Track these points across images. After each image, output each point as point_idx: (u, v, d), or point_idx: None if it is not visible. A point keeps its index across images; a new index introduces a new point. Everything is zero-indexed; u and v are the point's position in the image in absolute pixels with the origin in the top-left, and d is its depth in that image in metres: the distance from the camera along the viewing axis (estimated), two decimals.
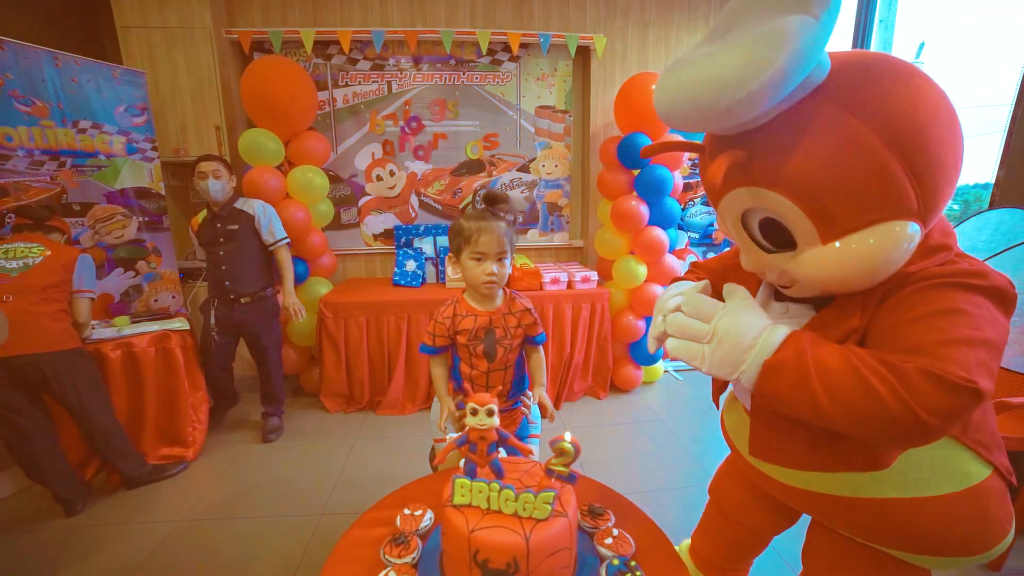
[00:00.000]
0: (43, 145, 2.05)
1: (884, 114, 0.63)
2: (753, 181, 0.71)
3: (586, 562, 0.77)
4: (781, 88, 0.61)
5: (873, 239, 0.65)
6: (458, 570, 0.69)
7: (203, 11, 2.60)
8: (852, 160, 0.64)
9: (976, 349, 0.61)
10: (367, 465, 2.16)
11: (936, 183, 0.65)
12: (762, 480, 0.95)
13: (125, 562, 1.58)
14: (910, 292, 0.68)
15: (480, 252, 1.13)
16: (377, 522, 0.87)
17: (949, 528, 0.76)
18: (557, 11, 3.00)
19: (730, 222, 0.82)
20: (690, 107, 0.66)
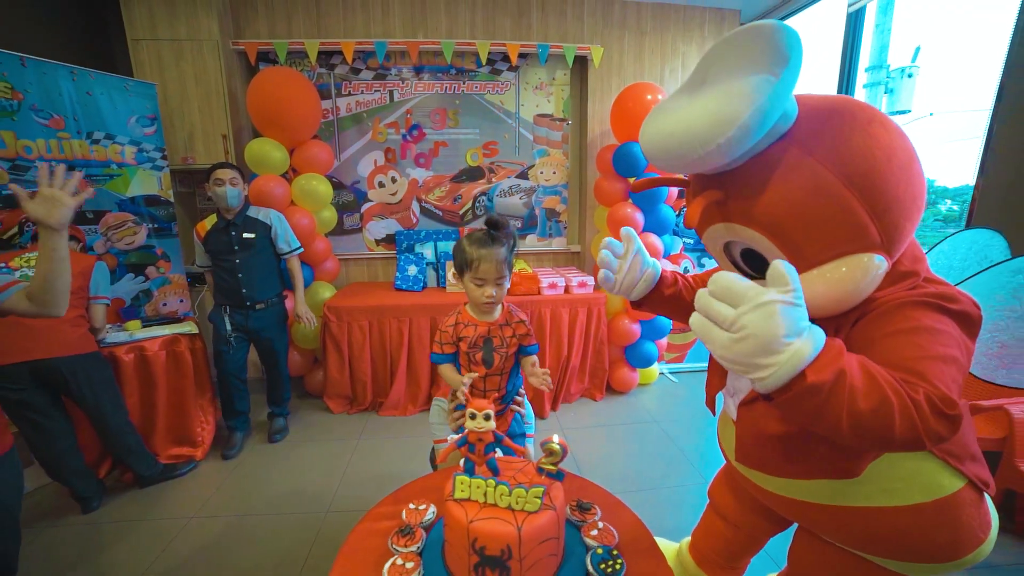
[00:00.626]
0: (59, 156, 2.13)
1: (844, 159, 0.70)
2: (729, 218, 0.79)
3: (573, 551, 0.85)
4: (747, 140, 0.69)
5: (845, 267, 0.72)
6: (458, 556, 0.77)
7: (211, 23, 2.68)
8: (816, 200, 0.71)
9: (949, 366, 0.66)
10: (370, 464, 2.24)
11: (896, 220, 0.72)
12: (749, 486, 1.02)
13: (141, 557, 1.66)
14: (885, 310, 0.73)
15: (481, 278, 1.23)
16: (384, 516, 0.95)
17: (920, 536, 0.81)
18: (555, 22, 3.08)
19: (714, 252, 0.90)
20: (668, 154, 0.75)
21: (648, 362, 2.99)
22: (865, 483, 0.83)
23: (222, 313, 2.26)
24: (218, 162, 2.21)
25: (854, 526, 0.85)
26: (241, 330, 2.29)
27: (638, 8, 3.18)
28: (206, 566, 1.63)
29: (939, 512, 0.80)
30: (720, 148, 0.68)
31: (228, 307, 2.27)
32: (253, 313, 2.29)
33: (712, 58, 0.77)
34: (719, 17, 3.29)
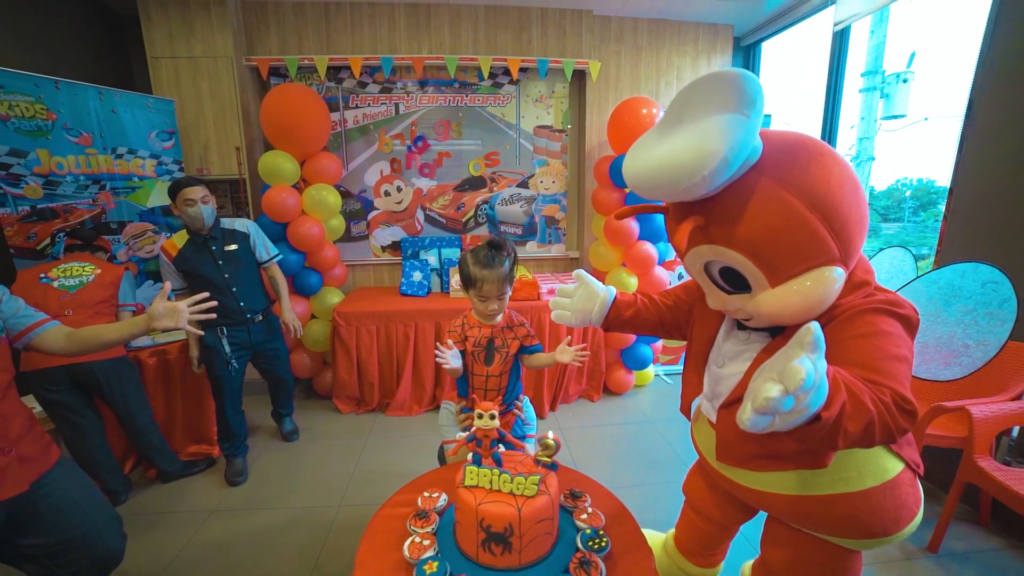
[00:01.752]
0: (87, 171, 2.27)
1: (805, 186, 0.82)
2: (712, 240, 0.90)
3: (566, 531, 0.98)
4: (726, 171, 0.80)
5: (809, 282, 0.84)
6: (468, 535, 0.90)
7: (225, 41, 2.81)
8: (788, 223, 0.82)
9: (903, 364, 0.79)
10: (379, 462, 2.37)
11: (850, 235, 0.85)
12: (725, 483, 1.14)
13: (168, 546, 1.79)
14: (848, 316, 0.86)
15: (484, 296, 1.37)
16: (401, 503, 1.08)
17: (872, 515, 0.95)
18: (554, 38, 3.21)
19: (695, 272, 1.01)
20: (655, 185, 0.86)
21: (643, 364, 3.12)
22: (826, 474, 0.95)
23: (218, 335, 2.08)
24: (183, 178, 1.99)
25: (817, 513, 0.98)
26: (244, 347, 2.17)
27: (634, 24, 3.31)
28: (229, 554, 1.75)
29: (885, 493, 0.94)
30: (704, 179, 0.79)
31: (224, 328, 2.10)
32: (253, 327, 2.18)
33: (685, 100, 0.89)
34: (713, 32, 3.41)
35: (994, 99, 1.84)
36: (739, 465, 1.04)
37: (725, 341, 1.08)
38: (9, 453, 1.08)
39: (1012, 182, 1.78)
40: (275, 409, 2.59)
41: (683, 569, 1.48)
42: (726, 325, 1.11)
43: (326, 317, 2.96)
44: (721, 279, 0.96)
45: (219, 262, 2.05)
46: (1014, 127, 1.77)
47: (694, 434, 1.24)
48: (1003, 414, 1.55)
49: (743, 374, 0.99)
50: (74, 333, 1.26)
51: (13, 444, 1.10)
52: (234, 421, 2.20)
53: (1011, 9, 1.77)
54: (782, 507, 1.03)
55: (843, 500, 0.95)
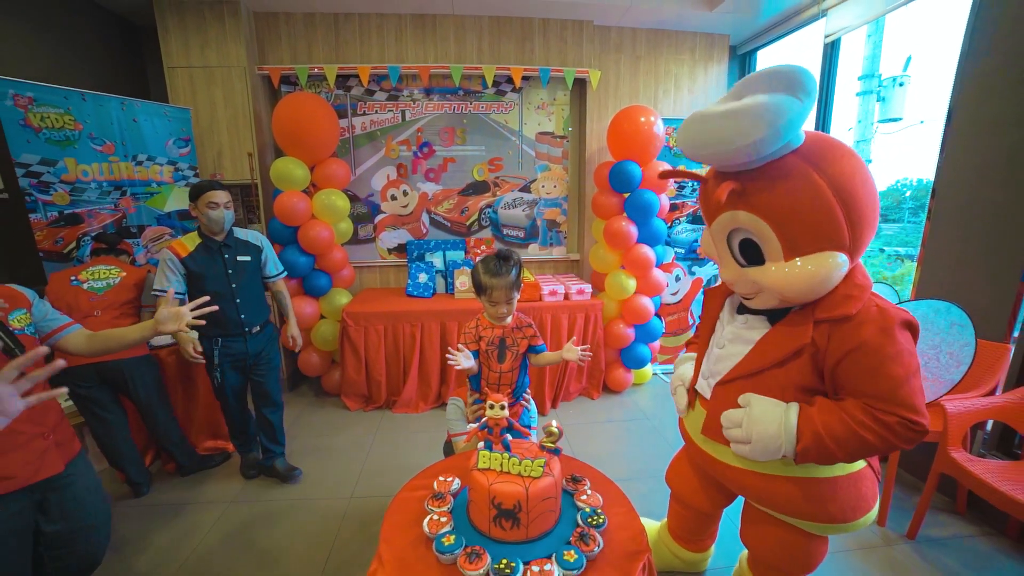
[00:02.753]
0: (110, 177, 2.37)
1: (835, 176, 0.94)
2: (745, 207, 1.01)
3: (567, 510, 1.10)
4: (775, 142, 0.92)
5: (818, 260, 0.96)
6: (481, 512, 1.01)
7: (239, 51, 2.92)
8: (813, 202, 0.95)
9: (915, 379, 0.93)
10: (387, 457, 2.47)
11: (862, 229, 0.98)
12: (707, 463, 1.25)
13: (190, 534, 1.89)
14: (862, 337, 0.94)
15: (494, 300, 1.53)
16: (418, 487, 1.19)
17: (835, 502, 1.07)
18: (556, 47, 3.31)
19: (718, 239, 1.12)
20: (708, 145, 0.96)
21: (642, 363, 3.22)
22: None
23: (212, 346, 2.02)
24: (207, 182, 1.99)
25: (789, 494, 1.08)
26: (239, 358, 2.09)
27: (633, 34, 3.42)
28: (248, 542, 1.85)
29: (848, 484, 1.05)
30: (755, 143, 0.90)
31: (220, 338, 2.03)
32: (251, 337, 2.10)
33: (747, 83, 1.01)
34: (709, 42, 3.52)
35: (970, 107, 1.95)
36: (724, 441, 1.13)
37: (727, 325, 1.19)
38: (48, 438, 1.20)
39: (988, 185, 1.89)
40: (264, 447, 2.26)
41: (676, 554, 1.59)
42: (728, 311, 1.22)
43: (335, 317, 3.06)
44: (739, 252, 1.07)
45: (229, 270, 2.02)
46: (989, 134, 1.88)
47: (683, 420, 1.35)
48: (975, 409, 1.66)
49: (741, 356, 1.10)
50: (94, 336, 1.38)
51: (51, 430, 1.22)
52: (239, 421, 2.23)
53: (984, 24, 1.88)
54: (755, 486, 1.13)
55: (811, 484, 1.06)
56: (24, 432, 0.51)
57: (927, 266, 2.13)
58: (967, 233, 1.97)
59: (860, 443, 0.94)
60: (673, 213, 3.37)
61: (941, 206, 2.07)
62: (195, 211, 1.97)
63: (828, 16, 2.83)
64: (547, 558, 0.93)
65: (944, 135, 2.07)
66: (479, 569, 0.90)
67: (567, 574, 0.90)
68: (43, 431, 1.19)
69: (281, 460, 2.28)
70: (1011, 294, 1.79)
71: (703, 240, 1.21)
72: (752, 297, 1.10)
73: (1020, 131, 1.77)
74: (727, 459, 1.15)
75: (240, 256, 2.07)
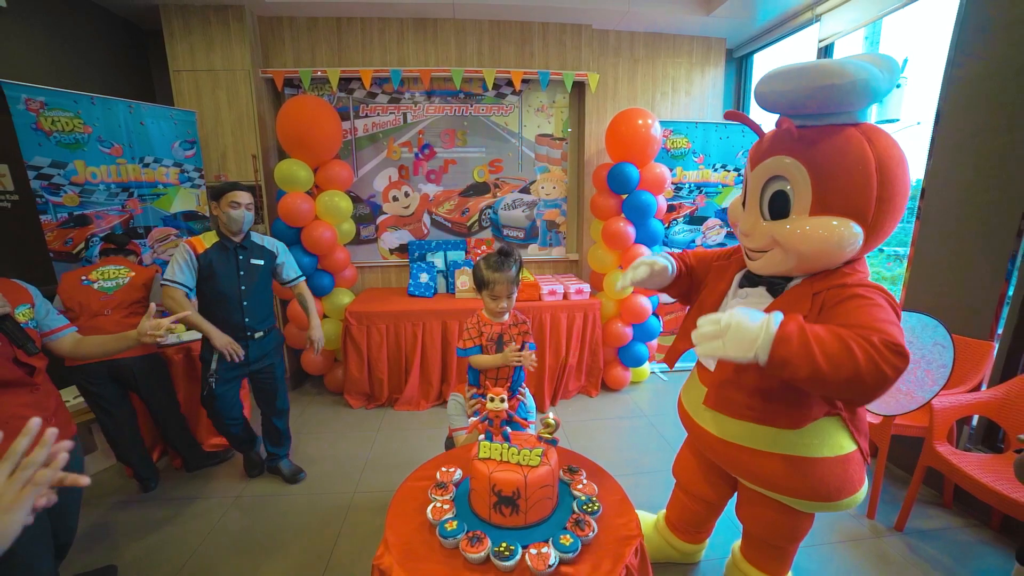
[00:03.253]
0: (117, 179, 2.43)
1: (883, 152, 1.02)
2: (796, 154, 1.07)
3: (564, 499, 1.15)
4: (852, 95, 0.98)
5: (836, 223, 1.02)
6: (482, 499, 1.06)
7: (243, 55, 2.97)
8: (856, 167, 1.02)
9: (895, 327, 0.95)
10: (390, 453, 2.52)
11: (887, 212, 1.04)
12: (704, 443, 1.30)
13: (198, 529, 1.94)
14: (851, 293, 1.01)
15: (496, 295, 1.58)
16: (422, 477, 1.24)
17: (822, 481, 1.13)
18: (555, 50, 3.37)
19: (755, 186, 1.16)
20: (790, 81, 1.01)
21: (639, 362, 3.28)
22: (794, 438, 1.13)
23: (211, 352, 1.99)
24: (231, 182, 2.03)
25: (782, 471, 1.15)
26: (239, 365, 2.04)
27: (631, 37, 3.47)
28: (254, 535, 1.91)
29: (836, 465, 1.11)
30: (834, 87, 0.97)
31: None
32: (253, 343, 2.07)
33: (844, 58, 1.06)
34: (706, 45, 3.58)
35: (957, 112, 2.00)
36: (723, 410, 1.20)
37: (732, 299, 1.26)
38: (50, 422, 1.29)
39: (973, 188, 1.94)
40: (269, 452, 2.30)
41: (673, 545, 1.64)
42: (734, 286, 1.28)
43: (337, 317, 3.11)
44: (768, 205, 1.13)
45: (240, 272, 2.01)
46: (973, 138, 1.93)
47: (682, 399, 1.40)
48: (960, 404, 1.71)
49: None
50: (80, 341, 1.49)
51: (52, 414, 1.33)
52: (233, 430, 2.17)
53: (969, 32, 1.93)
54: (748, 462, 1.19)
55: (802, 462, 1.12)
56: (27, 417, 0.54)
57: (916, 266, 2.19)
58: (954, 234, 2.02)
59: (845, 351, 0.86)
60: (670, 214, 3.42)
61: (930, 207, 2.13)
62: (216, 210, 1.97)
63: (822, 21, 2.88)
64: (544, 542, 0.98)
65: (932, 138, 2.13)
66: (480, 552, 0.95)
67: (563, 556, 0.95)
68: (46, 415, 1.26)
69: (286, 462, 2.31)
70: (995, 294, 1.84)
71: (732, 204, 1.29)
72: (759, 257, 1.15)
73: (1003, 136, 1.82)
74: (727, 435, 1.21)
75: (254, 259, 2.06)
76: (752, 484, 1.22)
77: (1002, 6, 1.82)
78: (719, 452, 1.25)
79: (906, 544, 1.79)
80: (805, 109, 1.05)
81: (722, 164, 3.42)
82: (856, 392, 0.90)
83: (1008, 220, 1.81)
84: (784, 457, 1.13)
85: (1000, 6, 1.83)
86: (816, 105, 1.01)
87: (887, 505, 1.97)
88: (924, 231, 2.15)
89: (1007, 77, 1.81)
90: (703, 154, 3.38)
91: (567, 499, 1.14)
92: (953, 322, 1.98)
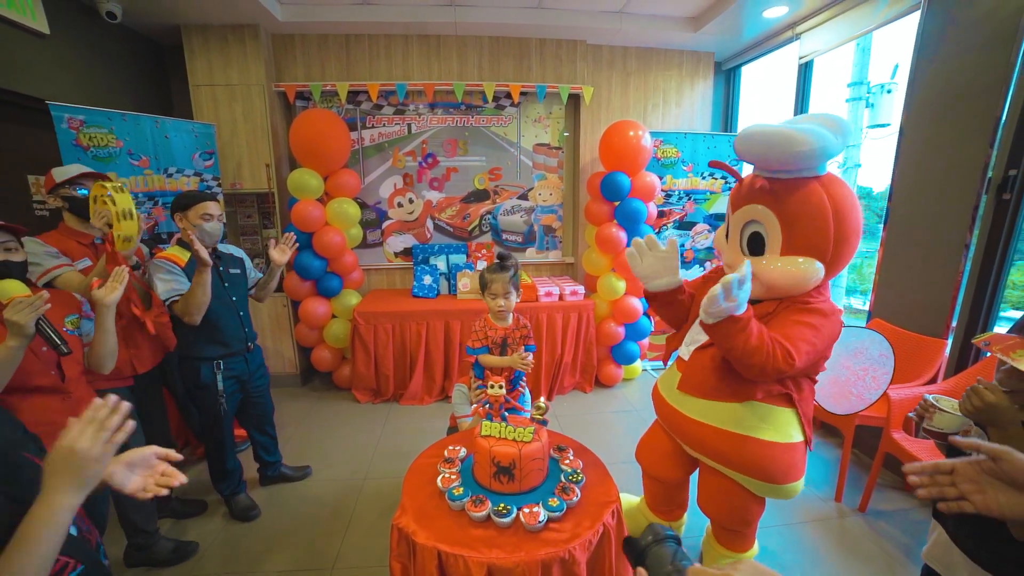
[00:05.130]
0: (144, 189, 2.61)
1: (839, 202, 1.22)
2: (768, 203, 1.28)
3: (554, 471, 1.34)
4: (814, 158, 1.19)
5: (802, 261, 1.24)
6: (483, 469, 1.25)
7: (258, 70, 3.15)
8: (817, 215, 1.22)
9: (809, 344, 1.18)
10: (396, 444, 2.71)
11: (841, 251, 1.26)
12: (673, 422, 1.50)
13: (218, 513, 2.14)
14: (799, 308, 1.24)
15: (494, 293, 1.78)
16: (431, 456, 1.44)
17: (770, 462, 1.32)
18: (552, 65, 3.55)
19: (735, 227, 1.38)
20: (765, 145, 1.22)
21: (631, 360, 3.46)
22: (755, 420, 1.33)
23: (214, 370, 1.93)
24: (198, 192, 1.91)
25: (735, 447, 1.34)
26: (240, 379, 2.03)
27: (624, 52, 3.66)
28: (273, 517, 2.10)
29: (783, 450, 1.30)
30: (799, 153, 1.18)
31: (222, 362, 1.95)
32: (249, 355, 2.06)
33: (807, 117, 1.29)
34: (695, 58, 3.77)
35: (918, 126, 2.19)
36: (696, 392, 1.41)
37: None
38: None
39: (929, 197, 2.13)
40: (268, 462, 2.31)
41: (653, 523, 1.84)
42: None
43: (345, 316, 3.30)
44: (747, 244, 1.36)
45: (225, 283, 1.95)
46: (930, 151, 2.13)
47: (658, 387, 1.60)
48: (914, 396, 1.90)
49: None
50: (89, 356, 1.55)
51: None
52: (230, 460, 2.11)
53: (926, 54, 2.12)
54: (710, 439, 1.39)
55: (754, 443, 1.31)
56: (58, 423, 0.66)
57: (884, 268, 2.37)
58: (916, 238, 2.21)
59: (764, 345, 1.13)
60: (660, 220, 3.61)
61: (895, 213, 2.31)
62: (183, 222, 1.84)
63: (801, 40, 3.07)
64: (535, 504, 1.17)
65: (897, 149, 2.31)
66: (482, 512, 1.13)
67: (551, 515, 1.14)
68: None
69: (285, 466, 2.37)
70: (948, 295, 2.03)
71: (716, 235, 1.51)
72: None
73: (955, 150, 2.01)
74: (694, 414, 1.42)
75: (232, 269, 2.02)
76: (711, 460, 1.41)
77: (956, 30, 2.01)
78: (686, 431, 1.44)
79: (867, 523, 1.97)
80: (774, 166, 1.25)
81: (710, 172, 3.61)
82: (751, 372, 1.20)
83: (959, 226, 2.00)
84: (740, 436, 1.32)
85: (955, 30, 2.01)
86: (779, 165, 1.23)
87: (853, 490, 2.15)
88: (891, 236, 2.34)
89: (959, 96, 2.00)
90: (692, 163, 3.57)
91: (556, 471, 1.33)
92: (916, 322, 2.18)
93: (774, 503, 1.98)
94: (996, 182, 1.90)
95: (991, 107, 1.87)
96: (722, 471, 1.40)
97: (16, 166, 2.32)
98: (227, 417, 2.02)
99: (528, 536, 1.10)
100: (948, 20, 2.04)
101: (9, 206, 2.32)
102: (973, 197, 1.95)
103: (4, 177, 2.29)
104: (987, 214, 1.94)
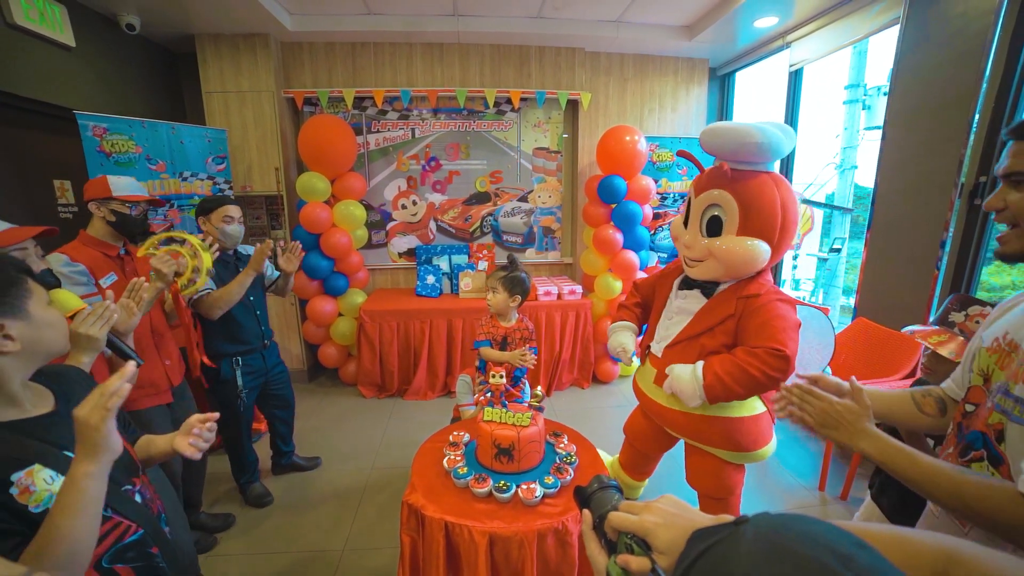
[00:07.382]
0: (161, 192, 2.74)
1: (785, 195, 1.38)
2: (728, 189, 1.41)
3: (550, 455, 1.47)
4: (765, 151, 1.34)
5: (752, 243, 1.37)
6: (485, 451, 1.38)
7: (268, 77, 3.28)
8: (770, 204, 1.37)
9: (784, 333, 1.32)
10: (400, 437, 2.82)
11: (783, 238, 1.40)
12: (653, 410, 1.64)
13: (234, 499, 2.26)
14: (760, 304, 1.38)
15: (488, 286, 1.93)
16: (437, 441, 1.57)
17: (741, 434, 1.46)
18: (551, 71, 3.67)
19: (697, 211, 1.51)
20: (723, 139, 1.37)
21: None
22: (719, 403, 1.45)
23: (233, 367, 2.02)
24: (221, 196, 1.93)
25: (707, 427, 1.49)
26: (258, 375, 2.11)
27: (621, 59, 3.78)
28: (288, 503, 2.22)
29: (751, 422, 1.44)
30: (751, 145, 1.33)
31: (240, 358, 2.03)
32: (266, 352, 2.15)
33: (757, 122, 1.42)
34: (690, 65, 3.88)
35: (897, 134, 2.31)
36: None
37: (674, 300, 1.61)
38: None
39: (907, 201, 2.25)
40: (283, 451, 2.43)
41: (622, 479, 2.04)
42: (674, 289, 1.63)
43: (351, 315, 3.42)
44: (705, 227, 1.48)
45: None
46: (908, 158, 2.24)
47: (637, 380, 1.75)
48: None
49: (684, 324, 1.52)
50: None
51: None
52: (250, 453, 2.22)
53: (905, 63, 2.24)
54: (687, 423, 1.53)
55: (724, 420, 1.46)
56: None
57: (868, 269, 2.49)
58: (895, 242, 2.33)
59: (744, 374, 1.30)
60: (656, 222, 3.73)
61: (878, 216, 2.43)
62: (206, 225, 1.93)
63: (791, 48, 3.19)
64: (533, 481, 1.29)
65: (879, 155, 2.43)
66: (484, 488, 1.26)
67: (546, 492, 1.26)
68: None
69: (297, 456, 2.47)
70: (925, 293, 2.15)
71: (674, 223, 1.64)
72: (696, 265, 1.50)
73: (931, 157, 2.13)
74: (669, 404, 1.55)
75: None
76: (691, 440, 1.54)
77: (931, 46, 2.13)
78: (665, 417, 1.57)
79: (847, 510, 2.09)
80: (730, 156, 1.39)
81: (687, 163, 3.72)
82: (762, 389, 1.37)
83: (936, 229, 2.11)
84: (712, 418, 1.47)
85: (929, 46, 2.13)
86: (733, 155, 1.37)
87: (835, 479, 2.27)
88: (874, 238, 2.45)
89: (934, 107, 2.11)
90: (686, 166, 3.68)
91: (551, 454, 1.46)
92: (897, 320, 2.29)
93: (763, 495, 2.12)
94: (968, 188, 2.02)
95: (963, 117, 1.98)
96: (702, 448, 1.53)
97: (43, 171, 2.45)
98: (247, 411, 2.11)
99: (526, 509, 1.22)
100: (923, 36, 2.16)
101: (36, 208, 2.45)
102: (948, 202, 2.07)
103: (32, 181, 2.42)
104: (960, 219, 2.06)
